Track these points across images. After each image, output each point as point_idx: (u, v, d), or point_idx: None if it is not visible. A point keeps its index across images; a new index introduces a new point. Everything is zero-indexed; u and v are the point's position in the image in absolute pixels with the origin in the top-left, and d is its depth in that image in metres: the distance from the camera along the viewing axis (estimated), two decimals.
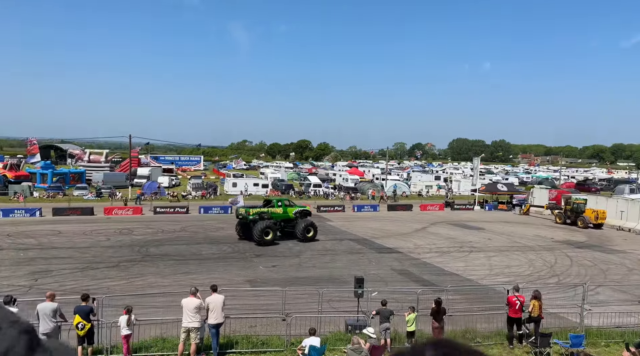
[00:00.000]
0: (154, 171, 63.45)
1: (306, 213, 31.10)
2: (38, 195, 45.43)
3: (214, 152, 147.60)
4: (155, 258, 23.75)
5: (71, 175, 54.42)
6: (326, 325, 14.50)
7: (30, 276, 19.71)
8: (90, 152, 70.49)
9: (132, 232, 30.46)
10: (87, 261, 22.78)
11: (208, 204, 43.23)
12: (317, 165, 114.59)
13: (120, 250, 25.21)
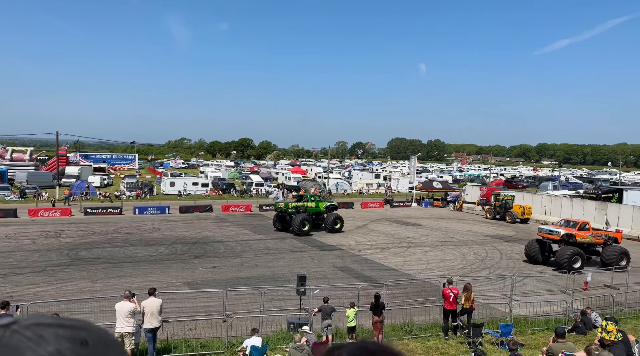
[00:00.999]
0: (84, 170, 59.96)
1: (334, 207, 34.71)
2: None
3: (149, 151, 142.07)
4: (87, 262, 22.47)
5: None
6: (268, 325, 14.42)
7: None
8: (13, 150, 65.19)
9: (61, 235, 28.60)
10: (10, 266, 21.12)
11: (144, 204, 41.49)
12: (259, 164, 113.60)
13: (47, 254, 23.59)
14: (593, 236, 24.83)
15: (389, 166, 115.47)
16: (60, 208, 37.37)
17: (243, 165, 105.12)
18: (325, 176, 65.83)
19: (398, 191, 64.11)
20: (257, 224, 35.30)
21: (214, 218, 37.69)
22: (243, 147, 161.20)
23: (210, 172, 67.88)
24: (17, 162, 59.68)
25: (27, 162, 60.85)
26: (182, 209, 40.16)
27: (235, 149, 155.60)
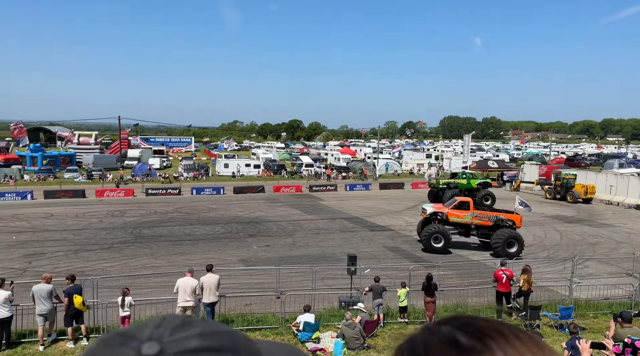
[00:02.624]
0: (145, 153, 62.93)
1: (487, 184, 36.84)
2: (28, 178, 44.99)
3: (204, 133, 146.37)
4: (149, 240, 23.78)
5: (61, 157, 53.84)
6: (320, 302, 14.72)
7: (24, 259, 19.69)
8: (80, 134, 69.49)
9: (125, 214, 30.39)
10: (81, 243, 22.76)
11: (200, 185, 43.15)
12: (309, 145, 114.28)
13: (113, 232, 25.19)
14: (474, 216, 22.09)
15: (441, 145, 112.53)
16: (124, 189, 39.60)
17: (293, 146, 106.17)
18: (375, 156, 65.27)
19: (450, 171, 62.57)
20: (307, 205, 35.76)
21: (266, 199, 38.57)
22: (293, 129, 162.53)
23: (261, 154, 69.20)
24: (84, 145, 63.62)
25: (93, 146, 64.73)
26: (236, 190, 41.36)
27: (285, 131, 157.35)
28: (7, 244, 22.16)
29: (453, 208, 22.61)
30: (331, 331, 12.80)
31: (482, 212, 22.78)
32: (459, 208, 22.48)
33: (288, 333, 12.75)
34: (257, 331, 12.94)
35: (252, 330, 13.07)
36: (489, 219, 22.17)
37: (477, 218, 22.19)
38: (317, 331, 12.27)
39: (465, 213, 22.27)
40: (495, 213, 22.94)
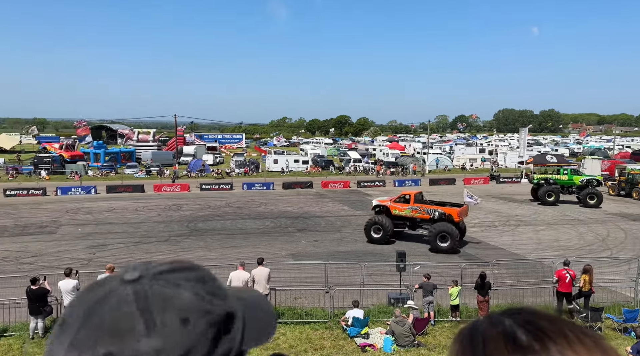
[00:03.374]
0: (199, 149, 65.13)
1: (597, 182, 34.50)
2: (92, 173, 47.80)
3: (255, 130, 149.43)
4: (203, 233, 24.65)
5: (122, 154, 56.78)
6: (368, 298, 14.70)
7: (88, 250, 20.98)
8: (139, 131, 73.13)
9: (181, 208, 31.64)
10: (140, 235, 23.95)
11: (250, 181, 44.16)
12: (357, 140, 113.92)
13: (170, 225, 26.31)
14: (413, 209, 22.25)
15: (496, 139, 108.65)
16: (179, 184, 41.24)
17: (341, 142, 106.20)
18: (425, 151, 64.04)
19: (505, 166, 60.30)
20: (355, 201, 35.70)
21: (314, 194, 38.87)
22: (341, 125, 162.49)
23: (310, 150, 69.73)
24: (143, 143, 66.78)
25: (151, 143, 67.85)
26: (285, 185, 41.96)
27: (333, 127, 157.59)
28: (73, 235, 23.70)
29: (395, 201, 23.16)
30: (380, 327, 12.76)
31: (422, 205, 22.63)
32: (401, 202, 22.90)
33: (337, 328, 12.84)
34: (306, 325, 13.13)
35: (301, 323, 13.27)
36: (427, 213, 22.13)
37: (416, 211, 22.40)
38: (366, 326, 12.27)
39: (406, 206, 22.58)
40: (434, 206, 22.62)
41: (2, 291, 13.30)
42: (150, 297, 0.61)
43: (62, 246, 21.66)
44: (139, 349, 0.58)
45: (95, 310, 0.60)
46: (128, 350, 0.57)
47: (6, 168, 47.21)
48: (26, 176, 44.87)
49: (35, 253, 20.36)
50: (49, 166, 47.11)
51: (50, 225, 25.79)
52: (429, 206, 22.73)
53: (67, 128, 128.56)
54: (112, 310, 0.60)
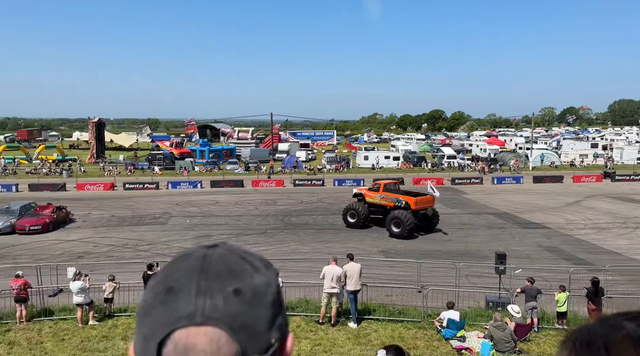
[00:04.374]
0: (293, 146, 67.25)
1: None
2: (198, 169, 51.62)
3: (345, 127, 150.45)
4: (297, 227, 25.46)
5: (224, 151, 60.60)
6: (464, 300, 14.14)
7: (195, 240, 22.72)
8: (239, 130, 77.57)
9: (276, 203, 32.97)
10: (240, 227, 25.40)
11: (341, 177, 44.62)
12: (451, 135, 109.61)
13: (266, 219, 27.56)
14: (381, 197, 24.11)
15: (610, 133, 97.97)
16: (275, 180, 43.02)
17: (434, 138, 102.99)
18: (528, 146, 59.75)
19: (622, 162, 54.24)
20: (449, 198, 34.47)
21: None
22: (434, 120, 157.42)
23: (401, 146, 68.63)
24: (242, 140, 70.64)
25: (249, 141, 71.56)
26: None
27: (426, 122, 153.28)
28: (182, 226, 25.81)
29: (369, 190, 25.53)
30: (478, 331, 12.21)
31: (388, 194, 24.13)
32: (374, 190, 24.94)
33: (431, 328, 12.53)
34: (398, 323, 12.99)
35: (393, 321, 13.16)
36: (392, 201, 23.66)
37: (383, 199, 24.10)
38: (462, 329, 11.82)
39: (376, 194, 24.44)
40: (396, 195, 24.07)
41: (123, 275, 14.90)
42: (239, 251, 0.75)
43: (172, 235, 23.71)
44: (255, 283, 0.71)
45: (204, 266, 0.70)
46: (248, 284, 0.70)
47: (125, 164, 52.74)
48: (141, 171, 49.74)
49: (149, 241, 22.53)
50: (161, 162, 51.75)
51: (162, 216, 28.35)
52: (394, 194, 24.14)
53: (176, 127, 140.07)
54: (221, 261, 0.71)
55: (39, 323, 12.97)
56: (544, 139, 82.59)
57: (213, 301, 0.66)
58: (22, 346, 11.66)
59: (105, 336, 12.24)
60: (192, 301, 0.66)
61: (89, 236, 23.53)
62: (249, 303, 0.69)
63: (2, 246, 21.45)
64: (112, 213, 29.15)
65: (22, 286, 12.96)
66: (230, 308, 0.67)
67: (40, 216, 24.69)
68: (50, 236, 23.39)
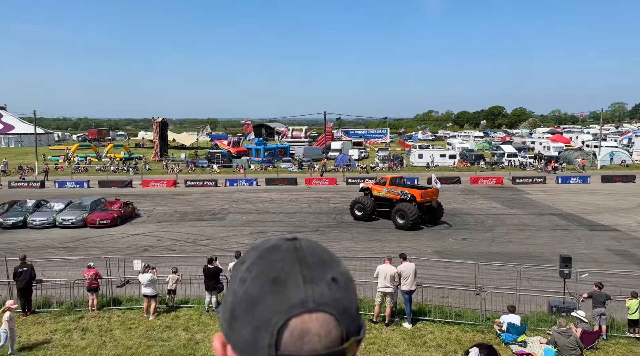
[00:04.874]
0: (345, 145, 67.24)
1: None
2: (254, 167, 52.89)
3: (399, 124, 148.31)
4: (350, 225, 25.46)
5: (278, 150, 61.61)
6: (525, 304, 13.59)
7: (251, 236, 23.33)
8: (293, 129, 78.49)
9: (329, 200, 33.14)
10: (294, 224, 25.79)
11: (394, 176, 43.99)
12: (512, 133, 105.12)
13: (319, 216, 27.78)
14: (388, 191, 25.25)
15: None
16: (327, 178, 43.23)
17: (493, 135, 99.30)
18: (596, 144, 56.16)
19: None
20: (510, 198, 33.16)
21: (462, 190, 37.16)
22: (493, 116, 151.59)
23: (457, 144, 66.75)
24: (296, 139, 71.51)
25: (303, 139, 72.27)
26: (430, 181, 40.86)
27: (484, 119, 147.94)
28: (239, 222, 26.58)
29: (376, 184, 26.79)
30: (540, 336, 11.69)
31: (395, 187, 25.36)
32: (380, 184, 26.16)
33: (490, 332, 12.15)
34: (455, 325, 12.69)
35: (449, 323, 12.88)
36: (398, 194, 24.81)
37: (390, 192, 25.27)
38: (524, 334, 11.36)
39: (383, 188, 25.64)
40: (402, 188, 25.30)
41: (184, 268, 15.58)
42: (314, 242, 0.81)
43: (230, 231, 24.49)
44: (343, 270, 0.78)
45: (302, 256, 0.76)
46: (340, 272, 0.77)
47: (186, 162, 54.99)
48: (201, 169, 51.65)
49: (209, 236, 23.41)
50: (220, 161, 53.45)
51: (220, 212, 29.34)
52: (400, 187, 25.32)
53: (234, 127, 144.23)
54: (313, 253, 0.77)
55: (109, 312, 13.86)
56: (613, 136, 77.36)
57: (320, 289, 0.72)
58: (94, 333, 12.51)
59: (169, 327, 12.88)
60: (302, 289, 0.71)
61: (153, 230, 24.79)
62: (345, 289, 0.76)
63: (75, 238, 23.09)
64: (174, 208, 30.54)
65: (93, 277, 13.91)
66: (334, 294, 0.73)
67: (109, 210, 26.32)
68: (118, 229, 24.89)
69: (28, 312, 13.63)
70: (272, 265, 0.75)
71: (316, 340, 0.69)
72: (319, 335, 0.69)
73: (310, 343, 0.69)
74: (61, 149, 69.39)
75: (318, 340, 0.69)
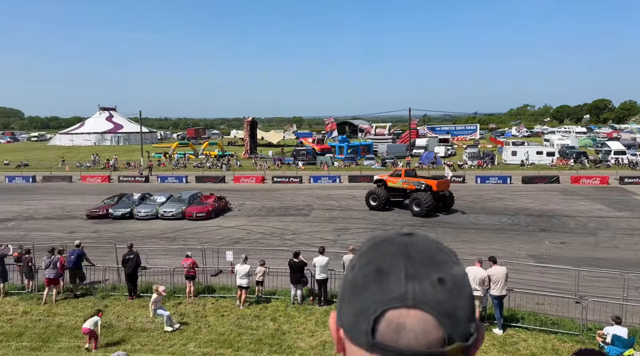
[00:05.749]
0: (431, 141, 65.42)
1: None
2: (337, 165, 53.48)
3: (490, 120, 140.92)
4: (435, 225, 24.79)
5: (361, 147, 61.69)
6: (634, 316, 12.31)
7: (334, 232, 23.65)
8: (376, 126, 78.12)
9: None
10: (377, 222, 25.68)
11: (485, 174, 42.01)
12: (620, 128, 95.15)
13: (403, 215, 27.31)
14: (403, 182, 27.30)
15: None
16: None
17: (597, 131, 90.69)
18: None
19: None
20: (616, 200, 30.18)
21: (560, 190, 34.49)
22: (598, 110, 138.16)
23: (556, 140, 61.92)
24: (379, 136, 71.00)
25: (386, 136, 71.55)
26: (525, 180, 38.48)
27: (588, 113, 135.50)
28: (322, 219, 27.04)
29: (391, 175, 28.85)
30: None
31: (410, 178, 27.37)
32: (395, 176, 28.27)
33: (591, 343, 11.18)
34: (551, 334, 11.86)
35: (545, 331, 12.06)
36: (414, 184, 26.82)
37: (405, 183, 27.28)
38: (631, 348, 10.30)
39: (398, 179, 27.69)
40: (418, 178, 27.41)
41: (271, 261, 16.21)
42: (433, 241, 0.80)
43: (314, 227, 25.02)
44: (455, 273, 0.76)
45: (409, 252, 0.77)
46: (450, 274, 0.75)
47: (273, 159, 57.08)
48: (287, 166, 53.31)
49: (294, 231, 24.12)
50: (304, 158, 54.77)
51: (304, 208, 30.07)
52: (415, 178, 27.31)
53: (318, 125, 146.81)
54: (423, 250, 0.77)
55: (204, 299, 14.86)
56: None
57: (421, 287, 0.72)
58: (191, 318, 13.50)
59: (257, 316, 13.52)
60: (403, 284, 0.72)
61: (244, 224, 26.10)
62: (451, 292, 0.74)
63: (175, 229, 25.02)
64: (262, 203, 31.87)
65: (191, 265, 15.00)
66: (437, 295, 0.72)
67: (205, 204, 28.16)
68: (212, 222, 26.54)
69: (134, 296, 15.03)
70: (380, 256, 0.78)
71: (412, 336, 0.70)
72: (415, 331, 0.70)
73: (406, 338, 0.70)
74: (163, 147, 75.48)
75: (414, 337, 0.70)
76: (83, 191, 38.56)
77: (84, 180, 45.16)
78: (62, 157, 61.09)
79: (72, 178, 45.39)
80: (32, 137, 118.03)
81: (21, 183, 44.85)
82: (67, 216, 28.67)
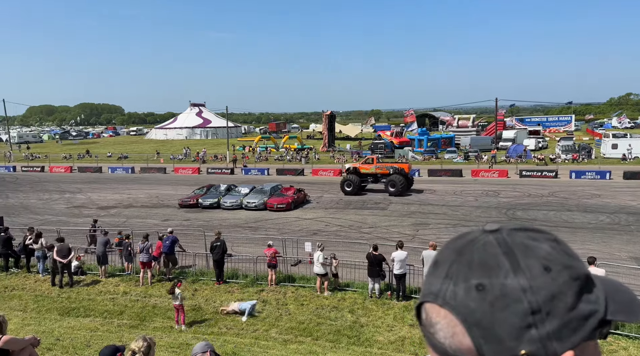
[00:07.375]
0: (520, 134, 61.71)
1: None
2: (417, 158, 52.36)
3: (587, 110, 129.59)
4: (524, 222, 23.38)
5: (442, 140, 59.77)
6: None
7: (412, 227, 23.24)
8: (459, 118, 75.16)
9: (499, 194, 30.94)
10: (458, 218, 24.82)
11: (580, 169, 38.79)
12: None
13: (487, 211, 26.17)
14: (377, 167, 31.64)
15: None
16: (497, 170, 40.33)
17: None
18: None
19: None
20: None
21: None
22: None
23: None
24: (462, 128, 68.27)
25: (470, 128, 68.63)
26: (627, 175, 35.03)
27: None
28: (400, 213, 26.66)
29: (363, 163, 32.92)
30: None
31: (383, 164, 32.77)
32: (367, 163, 32.41)
33: None
34: None
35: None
36: (387, 169, 31.47)
37: (379, 168, 31.54)
38: None
39: (371, 166, 31.73)
40: (391, 163, 33.85)
41: (348, 254, 16.33)
42: (511, 244, 0.70)
43: (391, 221, 24.77)
44: (506, 284, 0.66)
45: (464, 250, 0.73)
46: (496, 284, 0.67)
47: (351, 153, 57.23)
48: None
49: (371, 224, 24.05)
50: (382, 151, 54.25)
51: (382, 202, 29.83)
52: (387, 163, 33.62)
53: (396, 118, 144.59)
54: (479, 251, 0.71)
55: (284, 287, 15.36)
56: None
57: (455, 289, 0.69)
58: (272, 305, 14.03)
59: (335, 307, 13.72)
60: (440, 281, 0.72)
61: (321, 216, 26.52)
62: (491, 303, 0.66)
63: (257, 219, 26.08)
64: (339, 196, 32.14)
65: (273, 254, 15.57)
66: (469, 302, 0.67)
67: (285, 196, 29.02)
68: (292, 213, 27.28)
69: (221, 281, 15.93)
70: (444, 248, 0.78)
71: (441, 335, 0.70)
72: (443, 331, 0.70)
73: (437, 334, 0.71)
74: (247, 141, 78.80)
75: (443, 336, 0.70)
76: (176, 182, 41.47)
77: (176, 172, 48.53)
78: (157, 150, 66.13)
79: (166, 169, 49.03)
80: (130, 132, 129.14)
81: (122, 173, 49.30)
82: (161, 205, 31.04)
